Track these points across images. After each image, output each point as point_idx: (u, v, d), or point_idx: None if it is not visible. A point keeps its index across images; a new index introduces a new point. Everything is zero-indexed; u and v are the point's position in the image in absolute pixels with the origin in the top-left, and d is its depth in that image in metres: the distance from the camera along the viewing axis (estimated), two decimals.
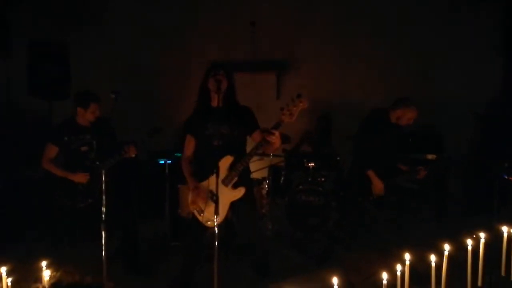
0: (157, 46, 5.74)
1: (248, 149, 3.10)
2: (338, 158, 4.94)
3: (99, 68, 5.52)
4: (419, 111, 3.63)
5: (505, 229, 2.40)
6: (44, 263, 2.17)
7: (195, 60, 5.52)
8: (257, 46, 5.64)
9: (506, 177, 3.27)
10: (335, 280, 1.95)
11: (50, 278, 0.76)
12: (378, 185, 3.59)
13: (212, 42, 5.71)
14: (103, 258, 2.86)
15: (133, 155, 3.39)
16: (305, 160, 4.64)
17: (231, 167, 2.97)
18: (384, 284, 2.04)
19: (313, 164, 4.57)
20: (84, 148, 3.48)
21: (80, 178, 3.42)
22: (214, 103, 2.95)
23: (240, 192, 3.01)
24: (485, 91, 5.23)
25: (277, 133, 2.76)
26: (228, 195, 2.99)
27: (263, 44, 5.69)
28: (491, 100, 5.17)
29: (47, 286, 0.78)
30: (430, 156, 4.43)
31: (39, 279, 0.77)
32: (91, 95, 3.48)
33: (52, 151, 3.49)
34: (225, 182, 2.97)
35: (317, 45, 5.72)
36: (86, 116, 3.46)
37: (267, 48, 5.71)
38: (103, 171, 2.93)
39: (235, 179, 2.98)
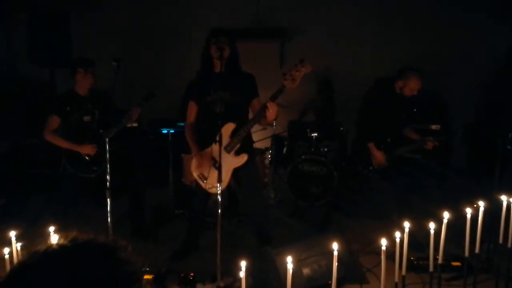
0: (157, 13, 5.63)
1: (250, 115, 3.11)
2: (342, 128, 4.93)
3: (100, 36, 5.45)
4: (422, 81, 3.56)
5: (504, 198, 2.42)
6: (51, 228, 2.23)
7: (196, 28, 5.42)
8: (261, 13, 5.52)
9: (510, 147, 3.25)
10: (335, 246, 1.99)
11: (66, 236, 0.84)
12: (377, 157, 3.60)
13: (214, 9, 5.58)
14: (109, 224, 2.93)
15: (135, 120, 3.39)
16: (308, 130, 4.64)
17: (233, 134, 2.98)
18: (383, 250, 2.08)
19: (316, 134, 4.57)
20: (86, 118, 3.45)
21: (88, 149, 3.39)
22: (217, 69, 2.92)
23: (243, 158, 3.02)
24: (490, 59, 5.14)
25: (274, 106, 2.76)
26: (231, 162, 3.01)
27: (267, 11, 5.56)
28: (496, 68, 5.09)
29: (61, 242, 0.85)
30: (434, 126, 4.41)
31: (48, 243, 0.82)
32: (79, 60, 3.43)
33: (54, 122, 3.44)
34: (227, 149, 2.98)
35: (323, 13, 5.58)
36: (87, 80, 3.41)
37: (271, 15, 5.58)
38: (107, 140, 2.93)
39: (238, 146, 3.00)
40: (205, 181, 3.05)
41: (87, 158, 3.43)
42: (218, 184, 2.68)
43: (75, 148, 3.41)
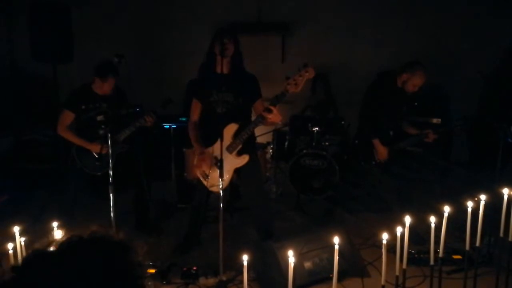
0: (158, 6, 5.61)
1: (253, 117, 3.12)
2: (343, 122, 4.93)
3: (102, 31, 5.44)
4: (427, 77, 3.52)
5: (505, 191, 2.42)
6: (55, 224, 2.25)
7: (198, 22, 5.40)
8: (262, 7, 5.50)
9: (511, 141, 3.25)
10: (336, 240, 2.00)
11: (84, 230, 0.90)
12: (382, 152, 3.60)
13: (216, 3, 5.56)
14: (112, 218, 2.95)
15: (150, 125, 3.38)
16: (309, 125, 4.64)
17: (236, 135, 3.00)
18: (384, 244, 2.10)
19: (317, 128, 4.58)
20: (100, 118, 3.43)
21: (98, 148, 3.33)
22: (220, 69, 2.90)
23: (244, 159, 3.05)
24: (492, 52, 5.10)
25: (275, 110, 2.77)
26: (232, 162, 3.03)
27: (268, 5, 5.53)
28: (499, 59, 5.05)
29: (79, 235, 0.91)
30: (435, 120, 4.40)
31: (51, 239, 0.83)
32: (111, 67, 3.35)
33: (68, 117, 3.44)
34: (229, 149, 3.00)
35: (324, 7, 5.55)
36: (103, 88, 3.41)
37: (272, 9, 5.56)
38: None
39: (239, 146, 3.02)
40: (206, 180, 3.07)
41: (96, 156, 3.44)
42: (220, 182, 2.71)
43: (86, 146, 3.43)
